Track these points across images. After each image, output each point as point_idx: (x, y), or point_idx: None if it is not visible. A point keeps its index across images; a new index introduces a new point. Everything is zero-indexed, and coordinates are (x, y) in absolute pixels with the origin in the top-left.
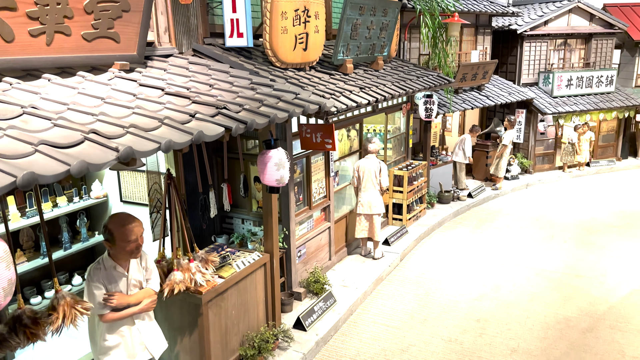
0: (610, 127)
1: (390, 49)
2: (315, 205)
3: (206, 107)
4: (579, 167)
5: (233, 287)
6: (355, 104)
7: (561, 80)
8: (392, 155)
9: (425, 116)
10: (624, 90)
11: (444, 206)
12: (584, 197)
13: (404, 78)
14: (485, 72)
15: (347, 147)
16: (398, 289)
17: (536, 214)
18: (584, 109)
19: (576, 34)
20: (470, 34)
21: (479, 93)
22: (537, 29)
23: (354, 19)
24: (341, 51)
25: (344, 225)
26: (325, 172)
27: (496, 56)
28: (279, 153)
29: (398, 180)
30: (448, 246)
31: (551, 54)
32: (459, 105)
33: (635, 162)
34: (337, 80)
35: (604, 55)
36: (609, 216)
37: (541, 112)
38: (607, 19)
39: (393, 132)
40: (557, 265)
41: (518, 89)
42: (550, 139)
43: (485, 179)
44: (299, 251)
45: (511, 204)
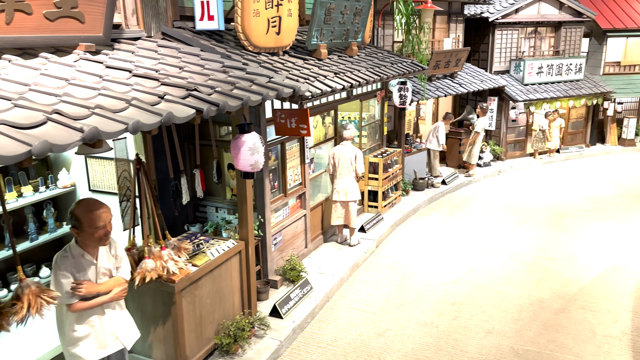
0: (579, 114)
1: (364, 35)
2: (290, 193)
3: (176, 89)
4: (549, 153)
5: (207, 275)
6: (330, 88)
7: (532, 68)
8: (367, 143)
9: (400, 103)
10: (592, 78)
11: (418, 193)
12: (554, 182)
13: (378, 64)
14: (458, 59)
15: (323, 134)
16: (374, 275)
17: (508, 199)
18: (554, 96)
19: (546, 22)
20: (443, 22)
21: (452, 81)
22: (509, 17)
23: (327, 3)
24: (315, 36)
25: (319, 212)
26: (301, 159)
27: (468, 44)
28: (253, 137)
29: (373, 167)
30: (423, 232)
31: (522, 42)
32: (433, 92)
33: (603, 149)
34: (312, 66)
35: (573, 43)
36: (579, 201)
37: (512, 99)
38: (576, 7)
39: (368, 119)
40: (529, 249)
41: (490, 77)
42: (522, 126)
43: (459, 166)
44: (274, 239)
45: (484, 190)
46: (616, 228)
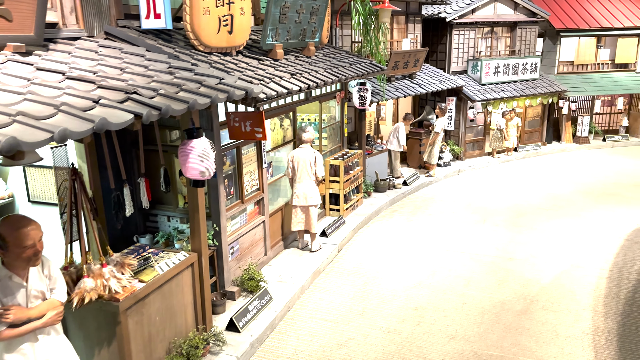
0: (536, 112)
1: (322, 35)
2: (248, 199)
3: (114, 92)
4: (507, 152)
5: (156, 292)
6: (286, 90)
7: (489, 68)
8: (328, 145)
9: (360, 104)
10: (547, 77)
11: (380, 195)
12: (512, 181)
13: (337, 65)
14: (416, 60)
15: (281, 137)
16: (336, 281)
17: (468, 199)
18: (511, 96)
19: (502, 22)
20: (401, 22)
21: (411, 81)
22: (465, 17)
23: (282, 2)
24: (270, 35)
25: (279, 218)
26: (258, 164)
27: (426, 44)
28: (202, 143)
29: (334, 170)
30: (385, 235)
31: (479, 42)
32: (392, 93)
33: (559, 146)
34: (267, 66)
35: (528, 43)
36: (537, 199)
37: (470, 99)
38: (530, 7)
39: (328, 121)
40: (490, 249)
41: (448, 77)
42: (480, 126)
43: (419, 167)
44: (231, 248)
45: (444, 190)
46: (574, 226)
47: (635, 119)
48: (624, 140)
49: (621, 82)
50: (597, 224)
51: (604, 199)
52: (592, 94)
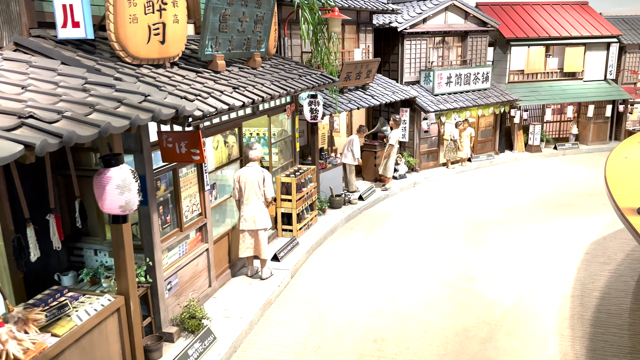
0: (488, 122)
1: (269, 44)
2: (187, 226)
3: (3, 117)
4: (461, 162)
5: (73, 346)
6: (227, 106)
7: (441, 78)
8: (279, 161)
9: (311, 117)
10: (498, 87)
11: (335, 211)
12: (468, 193)
13: (285, 77)
14: (369, 70)
15: (225, 156)
16: (289, 312)
17: (425, 213)
18: (464, 106)
19: (453, 32)
20: (352, 32)
21: (364, 92)
22: (417, 26)
23: (221, 9)
24: (209, 45)
25: (226, 244)
26: (199, 186)
27: (379, 54)
28: (122, 172)
29: (286, 187)
30: (341, 256)
31: (431, 51)
32: (345, 105)
33: (512, 156)
34: (206, 79)
35: (479, 52)
36: (493, 211)
37: (424, 110)
38: (481, 17)
39: (278, 135)
40: (449, 268)
41: (401, 88)
42: (434, 136)
43: (375, 180)
44: (169, 283)
45: (401, 204)
46: (532, 240)
47: (584, 127)
48: (574, 148)
49: (570, 91)
50: (555, 237)
51: (561, 210)
52: (542, 102)
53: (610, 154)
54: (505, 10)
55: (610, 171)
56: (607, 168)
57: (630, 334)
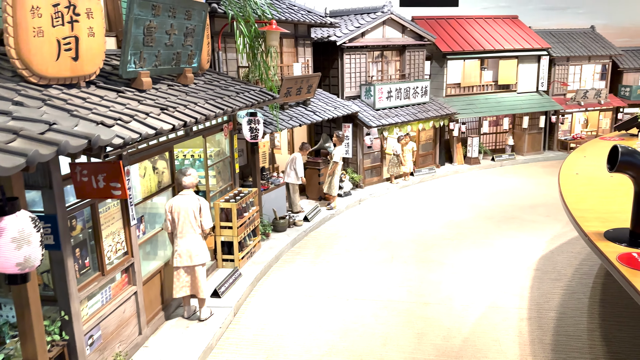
0: (428, 136)
1: (201, 59)
2: (111, 269)
3: None
4: (404, 177)
5: None
6: (154, 131)
7: (382, 93)
8: (217, 185)
9: (251, 137)
10: (436, 100)
11: (280, 235)
12: (413, 208)
13: (221, 94)
14: (309, 85)
15: (155, 184)
16: (233, 357)
17: (373, 232)
18: (405, 120)
19: (391, 46)
20: (291, 45)
21: (306, 108)
22: (356, 40)
23: (145, 20)
24: (132, 61)
25: (158, 283)
26: (124, 221)
27: (319, 69)
28: (20, 221)
29: (226, 214)
30: (288, 286)
31: (370, 66)
32: (286, 122)
33: (452, 168)
34: (129, 99)
35: (417, 66)
36: (440, 227)
37: (366, 125)
38: (418, 31)
39: (215, 156)
40: (403, 293)
41: (343, 103)
42: (377, 151)
43: (320, 198)
44: (90, 337)
45: (347, 223)
46: (482, 257)
47: (519, 138)
48: (511, 159)
49: (505, 103)
50: (504, 253)
51: (506, 224)
52: (479, 115)
53: (560, 171)
54: (440, 24)
55: (566, 191)
56: (562, 188)
57: (591, 357)
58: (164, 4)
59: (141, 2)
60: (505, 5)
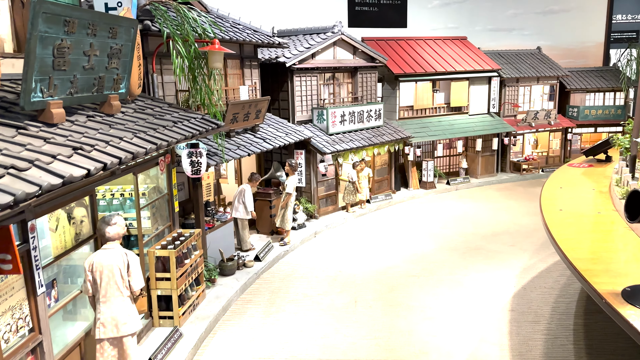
0: (384, 160)
1: (131, 83)
2: (10, 354)
3: None
4: (361, 205)
5: None
6: (60, 180)
7: (335, 117)
8: (152, 228)
9: (192, 172)
10: (390, 123)
11: (228, 280)
12: (373, 240)
13: (154, 125)
14: (258, 110)
15: (71, 237)
16: None
17: (332, 270)
18: (360, 145)
19: (343, 68)
20: (236, 67)
21: (254, 135)
22: (306, 62)
23: (56, 39)
24: (38, 89)
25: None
26: (28, 290)
27: (267, 92)
28: None
29: (162, 263)
30: (238, 346)
31: (322, 88)
32: (233, 152)
33: (408, 194)
34: (32, 138)
35: (369, 89)
36: (404, 262)
37: (320, 151)
38: (369, 52)
39: (151, 194)
40: (371, 349)
41: (295, 128)
42: (331, 178)
43: (272, 232)
44: None
45: (304, 260)
46: (452, 298)
47: (472, 160)
48: (466, 182)
49: (457, 125)
50: (475, 292)
51: (471, 256)
52: (433, 138)
53: (542, 207)
54: (390, 46)
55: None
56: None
57: None
58: (80, 19)
59: (49, 17)
60: (454, 27)
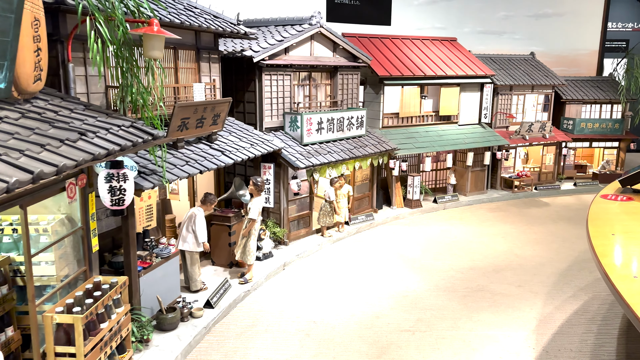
0: (365, 175)
1: (18, 75)
2: None
3: None
4: (338, 227)
5: None
6: None
7: (311, 124)
8: (57, 276)
9: (112, 203)
10: (373, 133)
11: (167, 338)
12: (353, 274)
13: (51, 137)
14: (216, 115)
15: None
16: None
17: (304, 320)
18: (340, 159)
19: (321, 66)
20: (190, 60)
21: (211, 146)
22: (278, 57)
23: None
24: None
25: None
26: None
27: (230, 92)
28: None
29: (66, 332)
30: None
31: (296, 90)
32: (180, 169)
33: (392, 213)
34: None
35: (350, 92)
36: (393, 308)
37: (293, 166)
38: (351, 50)
39: (55, 230)
40: None
41: (262, 137)
42: (305, 196)
43: (230, 264)
44: None
45: (269, 305)
46: None
47: (461, 176)
48: (454, 200)
49: (447, 137)
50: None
51: (474, 301)
52: (421, 150)
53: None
54: (375, 44)
55: None
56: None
57: None
58: None
59: None
60: (441, 27)
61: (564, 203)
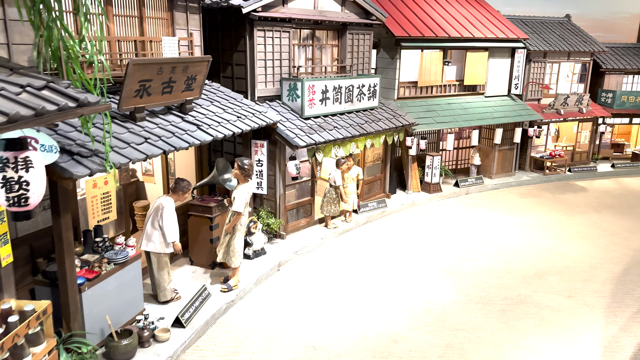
0: (376, 155)
1: None
2: None
3: None
4: (345, 217)
5: None
6: None
7: (314, 93)
8: None
9: (9, 202)
10: (387, 105)
11: None
12: (363, 279)
13: None
14: (190, 78)
15: None
16: None
17: (301, 343)
18: (349, 135)
19: (327, 23)
20: (162, 8)
21: (183, 118)
22: (274, 9)
23: None
24: None
25: None
26: None
27: (214, 52)
28: None
29: None
30: None
31: (296, 51)
32: (135, 148)
33: (407, 199)
34: None
35: (362, 55)
36: (415, 329)
37: (291, 144)
38: (363, 4)
39: None
40: None
41: (253, 108)
42: (305, 180)
43: (212, 265)
44: None
45: (256, 321)
46: None
47: (486, 155)
48: (478, 184)
49: (472, 110)
50: None
51: (515, 317)
52: (443, 126)
53: None
54: (392, 2)
55: None
56: None
57: None
58: None
59: None
60: None
61: (604, 188)
